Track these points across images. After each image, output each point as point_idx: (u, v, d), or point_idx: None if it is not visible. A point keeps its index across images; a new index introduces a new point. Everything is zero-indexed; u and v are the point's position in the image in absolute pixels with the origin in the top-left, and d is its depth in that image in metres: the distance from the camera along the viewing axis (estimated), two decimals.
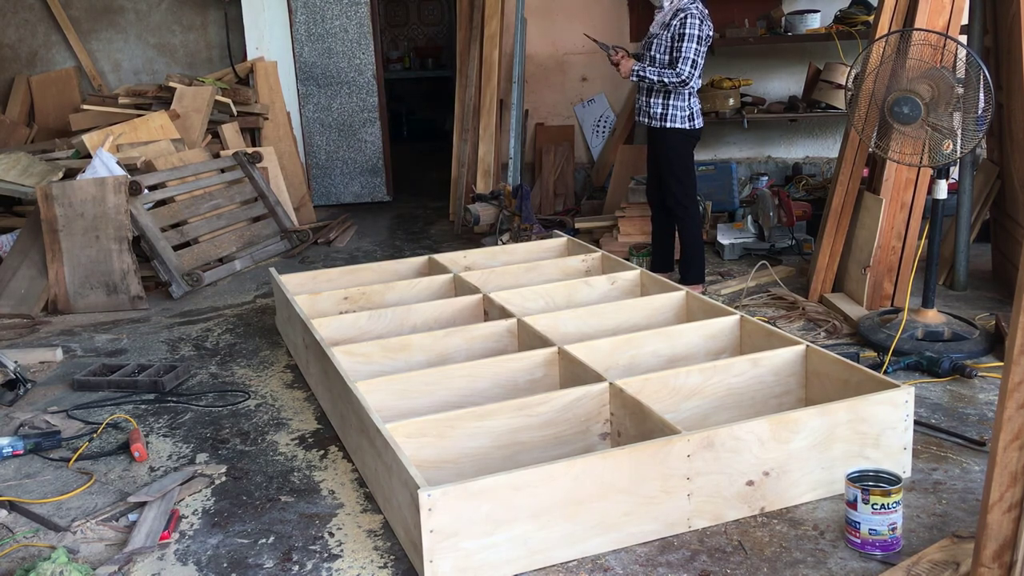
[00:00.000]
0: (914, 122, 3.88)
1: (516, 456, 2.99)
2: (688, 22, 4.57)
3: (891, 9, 4.44)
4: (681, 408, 3.20)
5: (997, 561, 1.96)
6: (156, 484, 3.12)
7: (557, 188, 7.34)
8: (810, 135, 7.44)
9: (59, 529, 2.90)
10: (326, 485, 3.12)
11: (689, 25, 4.57)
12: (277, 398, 3.92)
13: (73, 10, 7.81)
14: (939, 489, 2.88)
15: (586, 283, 4.41)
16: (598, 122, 7.64)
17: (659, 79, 4.64)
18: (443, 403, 3.31)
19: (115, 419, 3.74)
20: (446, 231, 7.00)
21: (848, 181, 4.64)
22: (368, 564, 2.64)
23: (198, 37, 7.89)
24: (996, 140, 4.89)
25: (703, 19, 4.63)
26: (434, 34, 11.83)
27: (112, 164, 5.64)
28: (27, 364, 4.40)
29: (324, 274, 4.75)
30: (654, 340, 3.63)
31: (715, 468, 2.69)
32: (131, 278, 5.34)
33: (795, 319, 4.50)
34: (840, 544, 2.60)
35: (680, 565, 2.55)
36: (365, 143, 7.91)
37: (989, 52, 4.71)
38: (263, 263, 6.13)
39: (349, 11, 7.64)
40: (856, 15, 6.66)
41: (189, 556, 2.73)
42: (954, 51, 3.90)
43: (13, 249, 5.56)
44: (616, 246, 5.79)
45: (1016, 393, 1.89)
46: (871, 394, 2.90)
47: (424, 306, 4.16)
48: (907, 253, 4.48)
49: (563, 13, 7.49)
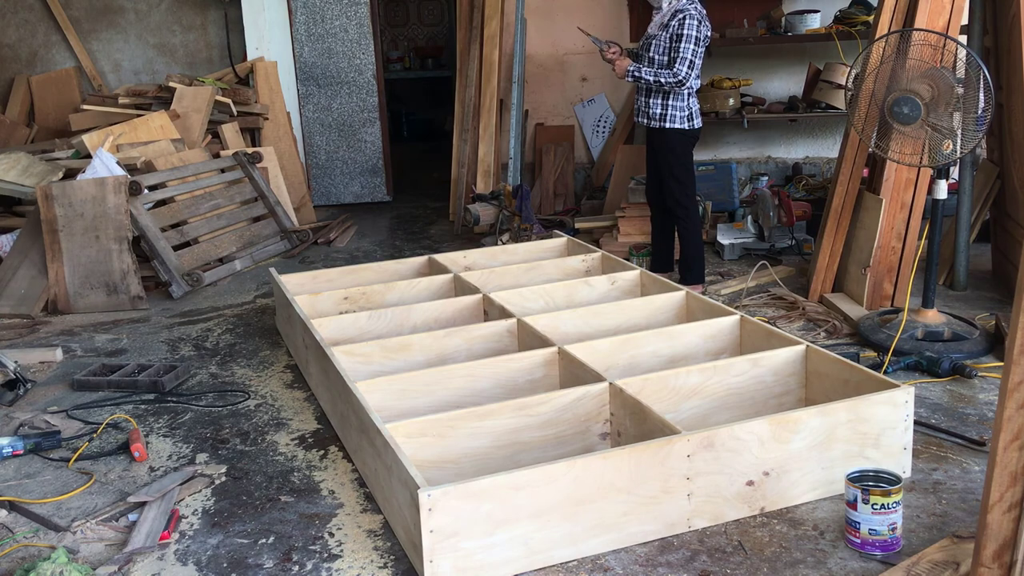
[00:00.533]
0: (914, 122, 3.88)
1: (516, 456, 2.99)
2: (686, 23, 4.58)
3: (891, 9, 4.44)
4: (681, 408, 3.20)
5: (997, 561, 1.96)
6: (156, 484, 3.12)
7: (557, 188, 7.34)
8: (810, 135, 7.44)
9: (59, 529, 2.90)
10: (326, 485, 3.12)
11: (687, 26, 4.58)
12: (277, 398, 3.92)
13: (73, 10, 7.81)
14: (939, 489, 2.88)
15: (586, 283, 4.41)
16: (598, 122, 7.64)
17: (655, 80, 4.64)
18: (443, 403, 3.31)
19: (115, 419, 3.74)
20: (446, 231, 7.00)
21: (848, 181, 4.64)
22: (368, 564, 2.64)
23: (198, 37, 7.89)
24: (996, 140, 4.89)
25: (701, 20, 4.64)
26: (434, 34, 11.83)
27: (112, 164, 5.64)
28: (27, 364, 4.40)
29: (324, 274, 4.75)
30: (654, 340, 3.63)
31: (715, 468, 2.69)
32: (131, 278, 5.34)
33: (795, 319, 4.50)
34: (840, 544, 2.60)
35: (680, 565, 2.55)
36: (365, 143, 7.90)
37: (989, 52, 4.71)
38: (263, 263, 6.13)
39: (349, 11, 7.64)
40: (856, 15, 6.66)
41: (189, 556, 2.73)
42: (954, 51, 3.90)
43: (13, 249, 5.56)
44: (616, 246, 5.79)
45: (1016, 393, 1.89)
46: (871, 394, 2.90)
47: (424, 306, 4.16)
48: (907, 253, 4.48)
49: (563, 13, 7.49)
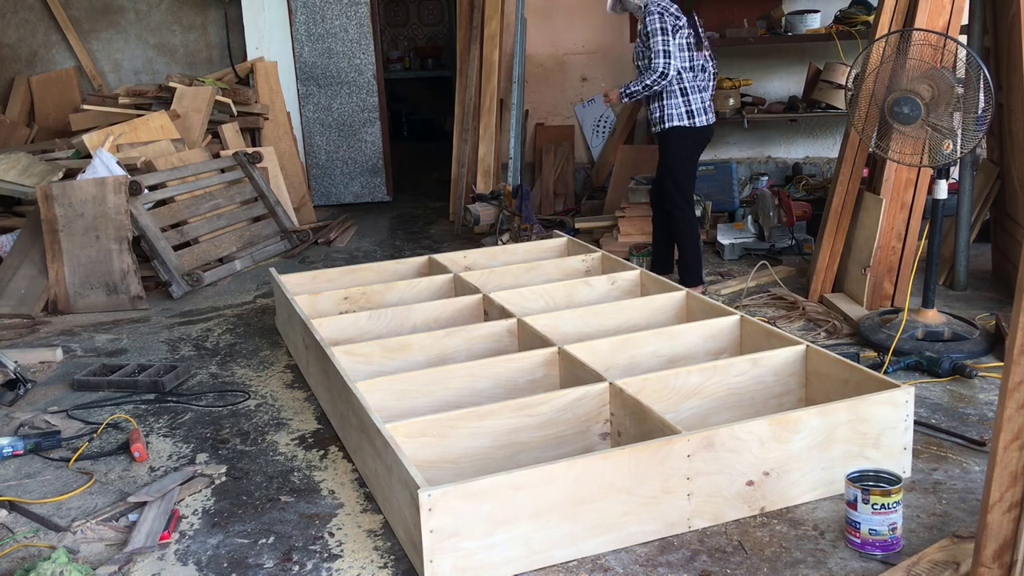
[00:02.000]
0: (914, 122, 3.88)
1: (516, 456, 2.99)
2: (647, 20, 4.69)
3: (891, 9, 4.44)
4: (681, 408, 3.20)
5: (997, 561, 1.96)
6: (156, 484, 3.12)
7: (557, 188, 7.34)
8: (810, 135, 7.44)
9: (59, 529, 2.90)
10: (326, 485, 3.12)
11: (649, 23, 4.68)
12: (277, 398, 3.92)
13: (73, 10, 7.81)
14: (939, 489, 2.88)
15: (586, 283, 4.41)
16: (598, 122, 7.64)
17: (643, 84, 4.72)
18: (443, 403, 3.31)
19: (115, 419, 3.74)
20: (446, 231, 7.00)
21: (848, 181, 4.64)
22: (368, 564, 2.64)
23: (198, 37, 7.89)
24: (996, 140, 4.89)
25: (662, 11, 4.69)
26: (434, 34, 11.83)
27: (112, 164, 5.64)
28: (27, 364, 4.40)
29: (324, 274, 4.75)
30: (654, 340, 3.63)
31: (715, 468, 2.69)
32: (131, 278, 5.34)
33: (795, 319, 4.50)
34: (840, 544, 2.60)
35: (680, 565, 2.55)
36: (365, 143, 7.90)
37: (989, 52, 4.71)
38: (263, 263, 6.13)
39: (349, 11, 7.64)
40: (856, 15, 6.66)
41: (189, 556, 2.73)
42: (954, 51, 3.90)
43: (13, 249, 5.56)
44: (616, 246, 5.79)
45: (1016, 393, 1.89)
46: (871, 394, 2.89)
47: (424, 306, 4.16)
48: (907, 253, 4.48)
49: (563, 13, 7.49)
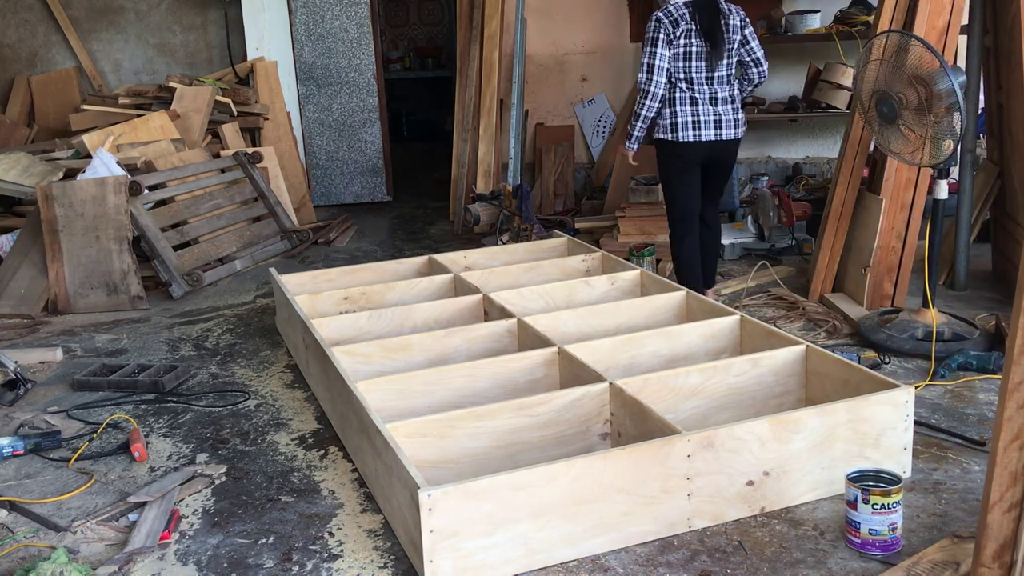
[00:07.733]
0: (893, 122, 3.87)
1: (516, 456, 2.99)
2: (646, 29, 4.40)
3: (891, 9, 4.44)
4: (681, 408, 3.20)
5: (997, 561, 1.96)
6: (156, 484, 3.12)
7: (557, 188, 7.34)
8: (810, 135, 7.44)
9: (59, 529, 2.90)
10: (326, 485, 3.12)
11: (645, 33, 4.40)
12: (277, 398, 3.92)
13: (73, 10, 7.81)
14: (939, 489, 2.88)
15: (586, 283, 4.41)
16: (598, 122, 7.64)
17: (636, 119, 4.45)
18: (443, 403, 3.31)
19: (115, 419, 3.74)
20: (446, 231, 7.00)
21: (848, 181, 4.64)
22: (368, 564, 2.64)
23: (198, 37, 7.89)
24: (996, 140, 4.89)
25: (657, 20, 4.36)
26: (434, 34, 11.83)
27: (112, 164, 5.64)
28: (27, 364, 4.40)
29: (324, 274, 4.75)
30: (654, 340, 3.63)
31: (715, 468, 2.69)
32: (131, 278, 5.34)
33: (795, 319, 4.50)
34: (840, 544, 2.60)
35: (680, 565, 2.55)
36: (365, 143, 7.90)
37: (989, 52, 4.71)
38: (263, 263, 6.13)
39: (349, 11, 7.64)
40: (856, 15, 6.65)
41: (189, 556, 2.73)
42: (953, 50, 3.89)
43: (13, 249, 5.56)
44: (616, 246, 5.79)
45: (1016, 393, 1.89)
46: (871, 394, 2.89)
47: (424, 306, 4.16)
48: (907, 253, 4.48)
49: (563, 13, 7.48)
